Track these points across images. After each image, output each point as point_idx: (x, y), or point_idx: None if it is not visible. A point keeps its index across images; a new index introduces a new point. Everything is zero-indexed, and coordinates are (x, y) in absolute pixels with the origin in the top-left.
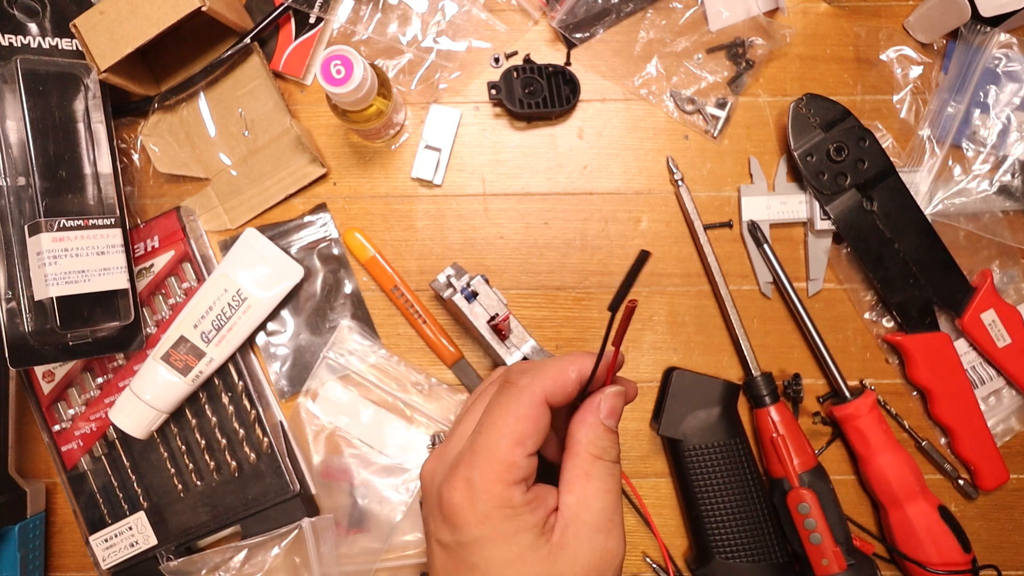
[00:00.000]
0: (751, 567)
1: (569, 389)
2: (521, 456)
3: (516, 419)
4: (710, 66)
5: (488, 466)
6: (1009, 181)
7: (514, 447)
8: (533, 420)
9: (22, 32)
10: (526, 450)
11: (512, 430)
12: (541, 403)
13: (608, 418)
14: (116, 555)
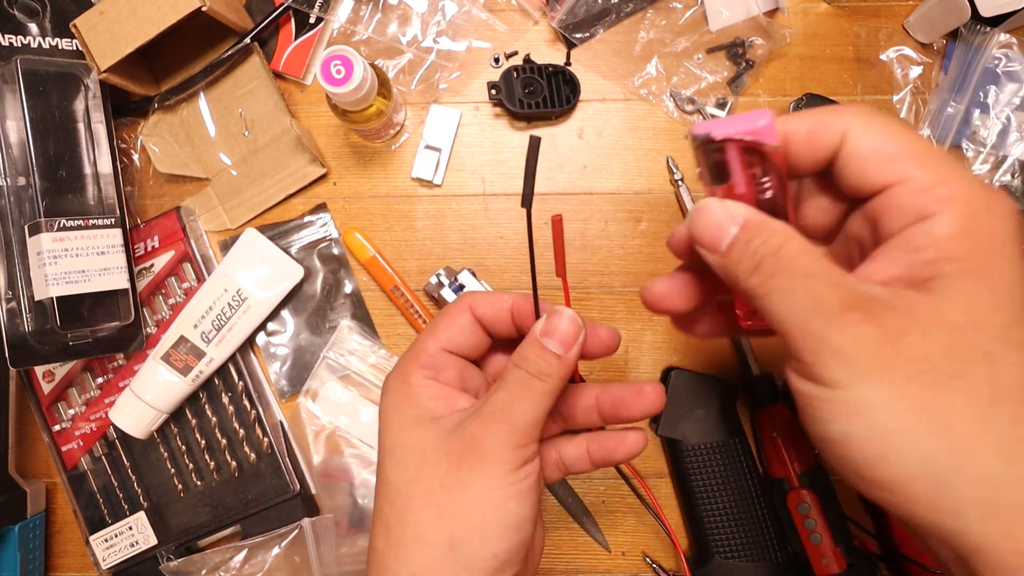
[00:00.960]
0: (751, 567)
1: (499, 308)
2: (432, 345)
3: (437, 319)
4: (710, 66)
5: (406, 355)
6: (1009, 181)
7: (427, 337)
8: (450, 318)
9: (22, 32)
10: (438, 342)
11: (430, 327)
12: (464, 309)
13: (545, 336)
14: (116, 555)
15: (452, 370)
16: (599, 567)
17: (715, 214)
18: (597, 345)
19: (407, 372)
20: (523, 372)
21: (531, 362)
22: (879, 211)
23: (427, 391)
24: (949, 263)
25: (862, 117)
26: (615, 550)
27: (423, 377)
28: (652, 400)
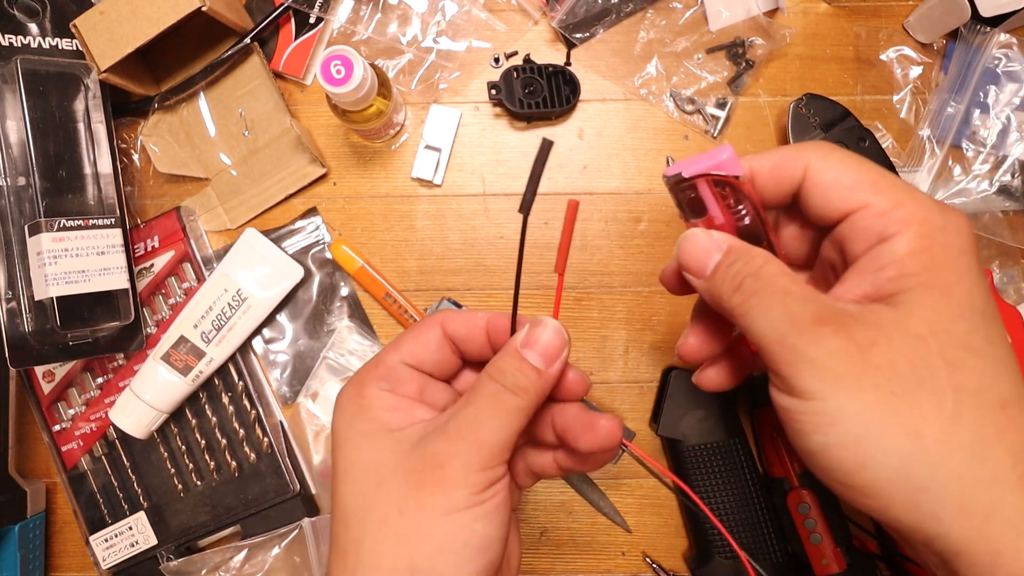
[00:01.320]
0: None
1: (473, 325)
2: (392, 358)
3: (402, 333)
4: (710, 66)
5: (363, 368)
6: (1009, 181)
7: (388, 350)
8: (416, 332)
9: (22, 32)
10: (399, 355)
11: (394, 340)
12: (433, 325)
13: (526, 347)
14: (116, 555)
15: (412, 384)
16: (599, 567)
17: (700, 241)
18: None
19: (362, 384)
20: (497, 385)
21: (507, 375)
22: (844, 236)
23: (382, 403)
24: (910, 278)
25: (821, 151)
26: (615, 550)
27: (379, 389)
28: (603, 437)
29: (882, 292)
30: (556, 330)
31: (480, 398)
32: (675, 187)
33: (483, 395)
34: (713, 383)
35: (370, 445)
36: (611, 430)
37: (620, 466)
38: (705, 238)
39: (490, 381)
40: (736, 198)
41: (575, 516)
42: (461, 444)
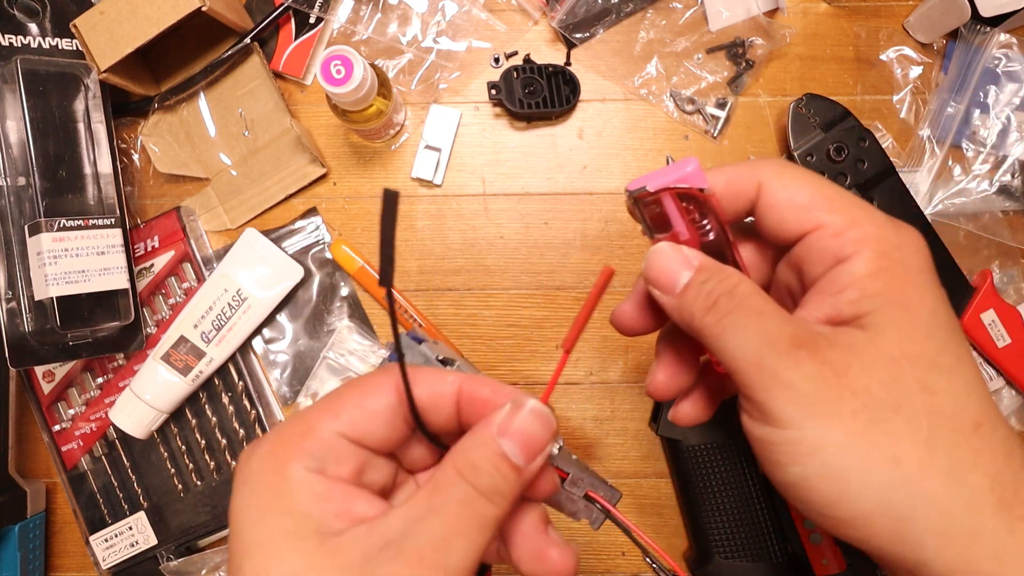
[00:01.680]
0: (751, 567)
1: (439, 391)
2: (327, 428)
3: (343, 391)
4: (710, 66)
5: (283, 431)
6: (1009, 181)
7: (321, 414)
8: (361, 394)
9: (22, 32)
10: (337, 424)
11: (330, 400)
12: (385, 388)
13: (504, 435)
14: (116, 555)
15: (349, 464)
16: (600, 567)
17: (670, 257)
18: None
19: (282, 459)
20: (468, 489)
21: (482, 474)
22: (801, 258)
23: (310, 490)
24: (872, 300)
25: (774, 169)
26: (615, 550)
27: (305, 469)
28: (551, 571)
29: (844, 315)
30: (543, 417)
31: (448, 507)
32: (638, 202)
33: (451, 502)
34: (689, 418)
35: (296, 555)
36: (563, 566)
37: (620, 466)
38: (675, 253)
39: (460, 482)
40: (701, 212)
41: None
42: (424, 571)
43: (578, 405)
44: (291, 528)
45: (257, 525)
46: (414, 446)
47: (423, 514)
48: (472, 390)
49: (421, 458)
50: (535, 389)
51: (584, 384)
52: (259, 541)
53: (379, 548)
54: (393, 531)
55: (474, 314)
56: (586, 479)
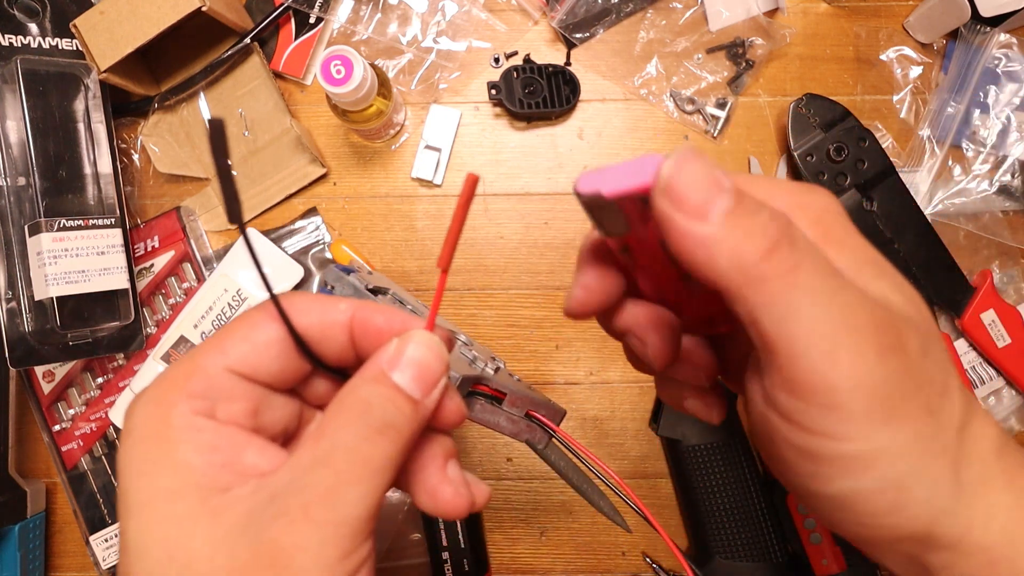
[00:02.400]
0: (751, 567)
1: (330, 319)
2: (213, 363)
3: (228, 326)
4: (710, 66)
5: (168, 374)
6: (1009, 181)
7: (207, 351)
8: (248, 325)
9: (22, 32)
10: (224, 358)
11: (216, 336)
12: (272, 316)
13: (395, 368)
14: (116, 555)
15: (241, 402)
16: (600, 567)
17: (705, 168)
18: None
19: (167, 404)
20: (361, 426)
21: (374, 409)
22: None
23: (196, 439)
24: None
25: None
26: (615, 550)
27: (191, 412)
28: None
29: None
30: (433, 345)
31: (336, 454)
32: (590, 204)
33: (340, 448)
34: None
35: (175, 521)
36: (454, 505)
37: (620, 466)
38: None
39: (348, 424)
40: None
41: (575, 516)
42: (312, 529)
43: (578, 405)
44: (172, 485)
45: (139, 481)
46: (317, 380)
47: (309, 464)
48: (365, 317)
49: (327, 392)
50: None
51: (584, 384)
52: (141, 501)
53: (264, 506)
54: (279, 486)
55: (474, 314)
56: (527, 398)
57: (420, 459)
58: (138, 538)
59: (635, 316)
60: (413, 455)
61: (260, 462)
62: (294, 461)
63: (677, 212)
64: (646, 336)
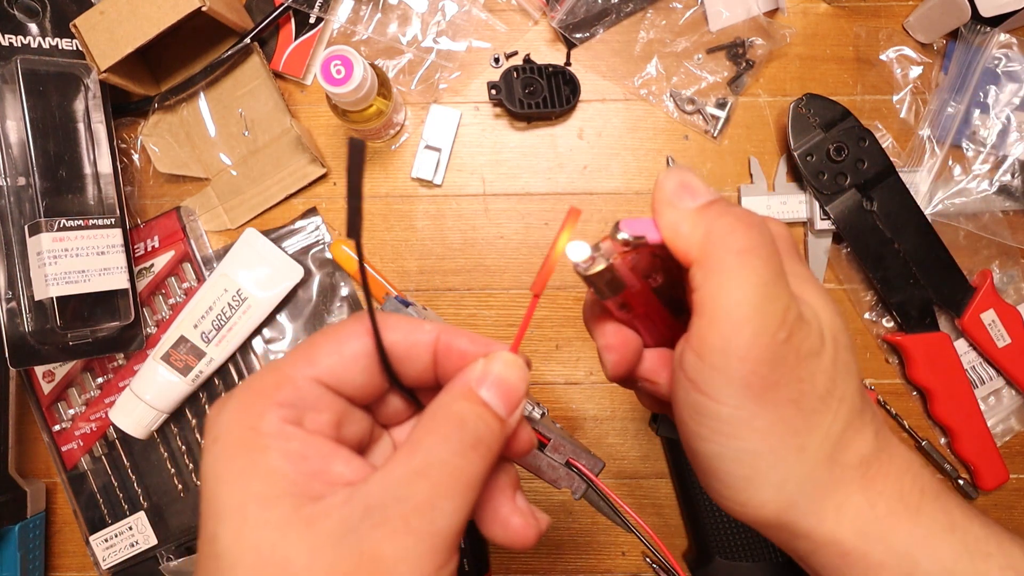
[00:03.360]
0: (751, 567)
1: (416, 339)
2: (302, 374)
3: (316, 337)
4: (710, 66)
5: (255, 381)
6: (1009, 181)
7: (295, 361)
8: (337, 340)
9: (22, 32)
10: (313, 370)
11: (304, 347)
12: (360, 333)
13: (483, 385)
14: (116, 555)
15: (327, 413)
16: (600, 567)
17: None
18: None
19: (256, 411)
20: (454, 445)
21: (468, 426)
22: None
23: (286, 447)
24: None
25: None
26: (615, 550)
27: (280, 420)
28: (512, 538)
29: None
30: (517, 365)
31: (433, 468)
32: (597, 276)
33: (436, 462)
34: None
35: (269, 527)
36: (523, 535)
37: (620, 466)
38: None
39: (443, 440)
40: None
41: (575, 516)
42: (411, 540)
43: (578, 405)
44: (265, 492)
45: (230, 487)
46: (390, 399)
47: (406, 477)
48: (449, 340)
49: (396, 412)
50: (534, 389)
51: (584, 384)
52: (232, 506)
53: (360, 516)
54: (374, 496)
55: (474, 314)
56: (568, 446)
57: (491, 488)
58: (231, 544)
59: (646, 363)
60: (486, 484)
61: (346, 472)
62: (387, 473)
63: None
64: (658, 378)
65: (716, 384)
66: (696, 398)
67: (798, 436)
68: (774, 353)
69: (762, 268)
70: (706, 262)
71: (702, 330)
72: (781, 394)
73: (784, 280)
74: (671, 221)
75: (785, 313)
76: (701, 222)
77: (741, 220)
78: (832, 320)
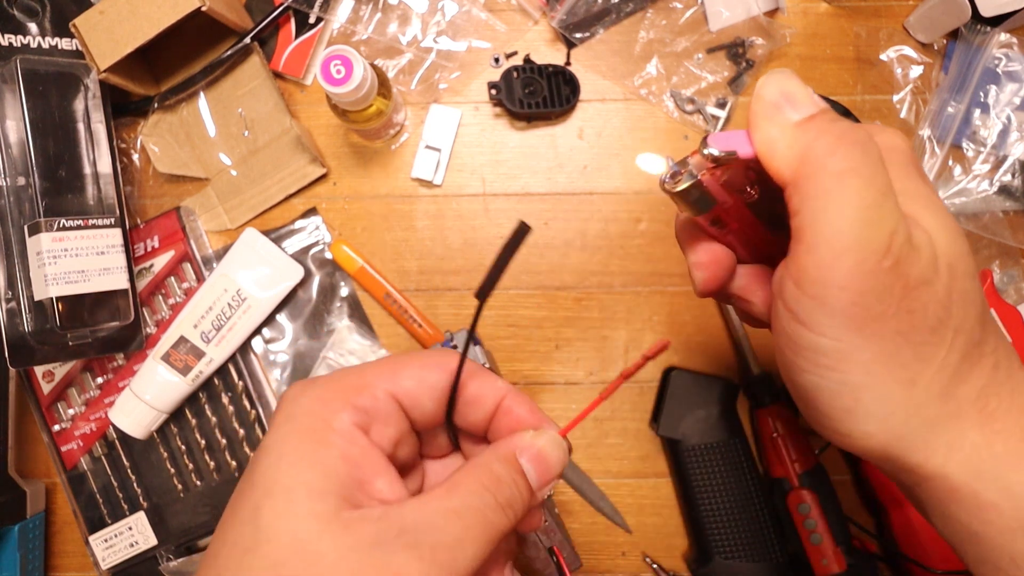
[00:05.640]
0: (751, 567)
1: (486, 391)
2: (382, 385)
3: (405, 356)
4: (710, 66)
5: (337, 379)
6: (1009, 181)
7: (379, 370)
8: (422, 366)
9: (22, 32)
10: (394, 384)
11: (391, 361)
12: (444, 365)
13: (526, 456)
14: (116, 555)
15: (392, 429)
16: (599, 567)
17: (799, 83)
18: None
19: (333, 407)
20: (490, 498)
21: (504, 487)
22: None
23: (348, 450)
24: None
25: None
26: (615, 550)
27: (351, 424)
28: None
29: None
30: (561, 447)
31: (468, 512)
32: (687, 192)
33: (471, 508)
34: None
35: (312, 518)
36: None
37: (620, 466)
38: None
39: (483, 491)
40: (745, 178)
41: (575, 516)
42: (434, 570)
43: (578, 405)
44: (316, 484)
45: (287, 468)
46: (437, 433)
47: (442, 513)
48: (512, 404)
49: (435, 447)
50: (534, 389)
51: (584, 384)
52: (284, 486)
53: (393, 535)
54: (408, 521)
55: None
56: (557, 535)
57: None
58: (272, 520)
59: (740, 280)
60: None
61: (385, 490)
62: (424, 504)
63: (777, 104)
64: (752, 296)
65: (816, 315)
66: (795, 328)
67: (906, 369)
68: (878, 282)
69: (864, 190)
70: (803, 185)
71: (800, 258)
72: (887, 325)
73: (891, 202)
74: (767, 137)
75: (891, 239)
76: (799, 139)
77: (844, 137)
78: (950, 244)
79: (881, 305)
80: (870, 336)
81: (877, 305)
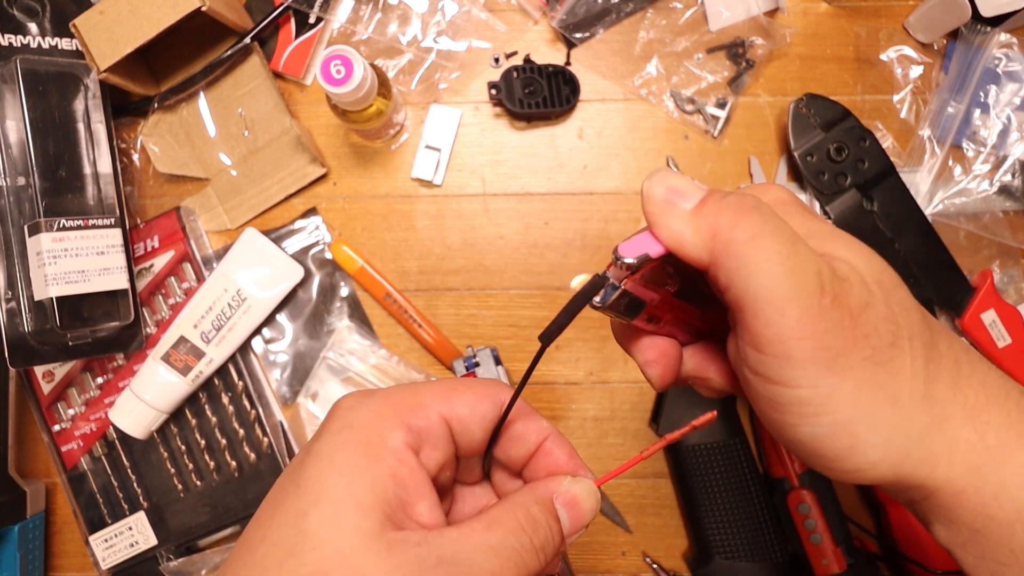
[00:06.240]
0: (751, 567)
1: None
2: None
3: (462, 383)
4: (710, 66)
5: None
6: (1009, 181)
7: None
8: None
9: (22, 32)
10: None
11: (448, 385)
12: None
13: (562, 502)
14: (116, 555)
15: (439, 452)
16: (599, 567)
17: (678, 175)
18: None
19: (388, 423)
20: (526, 540)
21: (540, 530)
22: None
23: (397, 468)
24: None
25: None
26: (615, 550)
27: (404, 443)
28: None
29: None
30: (595, 497)
31: (505, 551)
32: (616, 301)
33: (508, 547)
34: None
35: (357, 533)
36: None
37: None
38: (681, 176)
39: (520, 531)
40: (663, 272)
41: None
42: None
43: (578, 405)
44: (362, 498)
45: (337, 477)
46: (474, 461)
47: (481, 548)
48: (553, 446)
49: (468, 473)
50: (535, 389)
51: (584, 384)
52: (333, 496)
53: (432, 563)
54: (448, 552)
55: (474, 314)
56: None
57: None
58: (319, 529)
59: (690, 362)
60: None
61: (425, 515)
62: (464, 536)
63: (663, 206)
64: (707, 372)
65: (786, 371)
66: (772, 390)
67: (885, 388)
68: (829, 320)
69: (777, 245)
70: (723, 262)
71: (751, 325)
72: (853, 356)
73: (804, 246)
74: (671, 232)
75: (819, 278)
76: (701, 224)
77: (740, 208)
78: (869, 265)
79: (840, 340)
80: (842, 372)
81: (837, 342)
